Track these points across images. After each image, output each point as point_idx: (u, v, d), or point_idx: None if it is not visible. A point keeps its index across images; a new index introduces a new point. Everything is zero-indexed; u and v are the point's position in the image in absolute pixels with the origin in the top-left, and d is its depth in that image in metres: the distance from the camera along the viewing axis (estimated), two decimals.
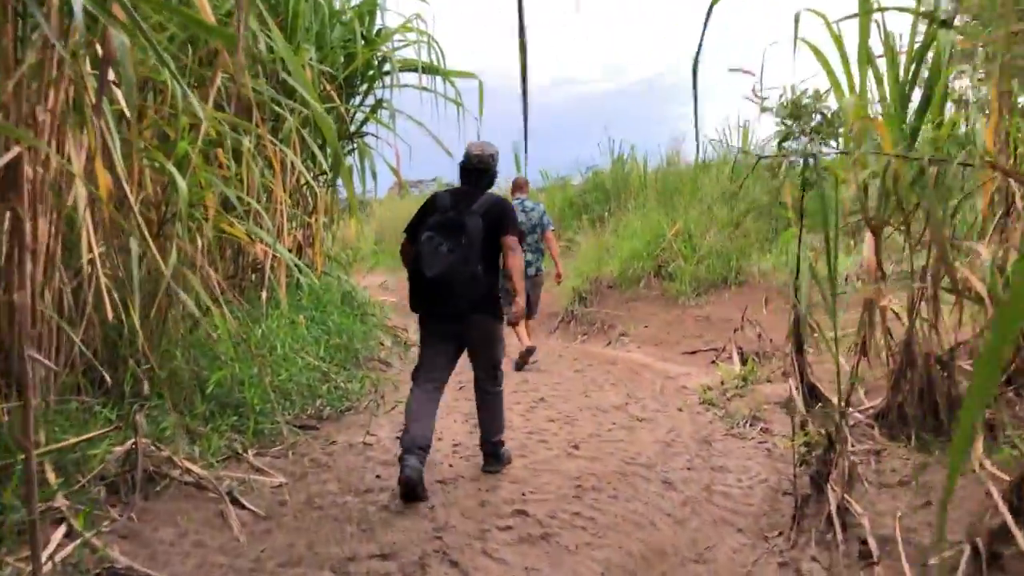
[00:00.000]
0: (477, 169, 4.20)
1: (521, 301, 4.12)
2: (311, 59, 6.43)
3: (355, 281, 9.14)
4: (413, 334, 8.51)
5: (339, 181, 8.73)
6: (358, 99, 8.39)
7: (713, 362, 7.55)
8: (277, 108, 5.75)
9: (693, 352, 8.17)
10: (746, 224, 10.85)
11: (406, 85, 8.46)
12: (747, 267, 10.41)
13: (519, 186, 8.14)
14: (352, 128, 8.25)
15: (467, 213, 3.90)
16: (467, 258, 3.82)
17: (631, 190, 21.38)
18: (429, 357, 4.10)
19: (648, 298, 11.06)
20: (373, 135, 8.52)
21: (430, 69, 8.31)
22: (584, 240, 20.46)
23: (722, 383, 6.39)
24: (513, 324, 4.41)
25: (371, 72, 8.15)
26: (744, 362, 7.14)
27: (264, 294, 6.12)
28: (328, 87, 7.22)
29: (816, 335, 5.19)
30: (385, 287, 19.39)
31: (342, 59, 7.73)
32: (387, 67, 8.34)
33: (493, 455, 4.27)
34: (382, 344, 7.63)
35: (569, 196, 24.97)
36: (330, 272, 8.37)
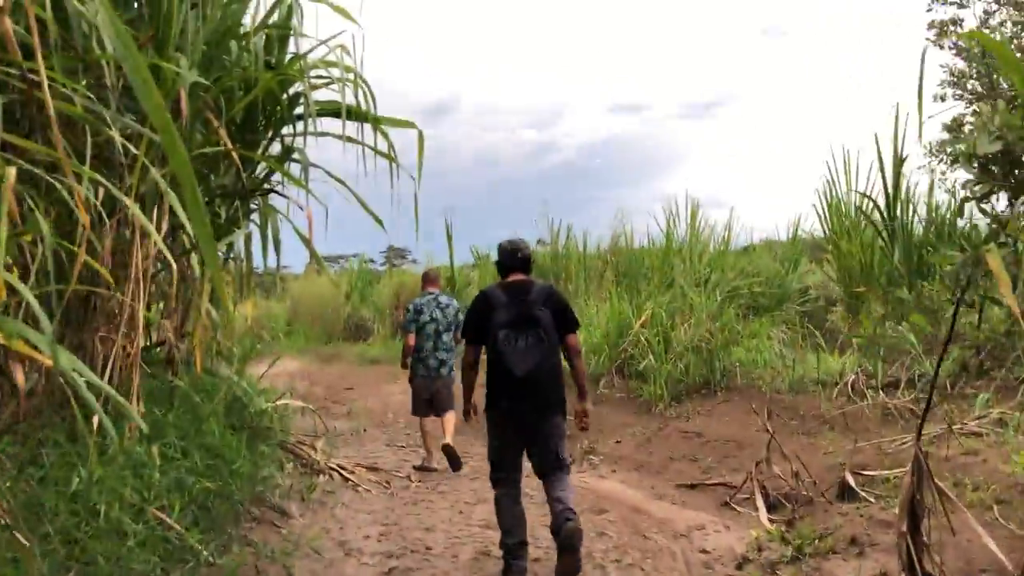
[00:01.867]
0: (526, 257, 4.28)
1: (589, 406, 4.34)
2: (181, 72, 4.47)
3: (249, 380, 6.99)
4: (320, 452, 6.46)
5: (232, 252, 6.74)
6: (261, 147, 6.41)
7: (726, 503, 5.67)
8: (106, 128, 3.74)
9: (692, 486, 6.28)
10: (727, 314, 9.18)
11: (324, 133, 6.57)
12: (730, 366, 8.71)
13: (431, 280, 7.37)
14: (250, 184, 6.26)
15: (535, 306, 3.95)
16: (548, 353, 3.93)
17: (571, 271, 19.98)
18: (509, 457, 4.13)
19: (613, 402, 9.22)
20: (279, 193, 6.54)
21: (357, 115, 6.42)
22: None
23: (759, 550, 4.50)
24: (583, 429, 4.37)
25: (279, 110, 6.22)
26: (771, 508, 5.31)
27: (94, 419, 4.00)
28: (215, 122, 5.25)
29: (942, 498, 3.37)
30: (296, 378, 17.14)
31: (240, 91, 5.80)
32: (299, 108, 6.44)
33: (571, 520, 3.86)
34: (277, 481, 5.52)
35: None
36: (213, 372, 6.23)
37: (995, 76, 13.48)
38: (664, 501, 5.95)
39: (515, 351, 3.89)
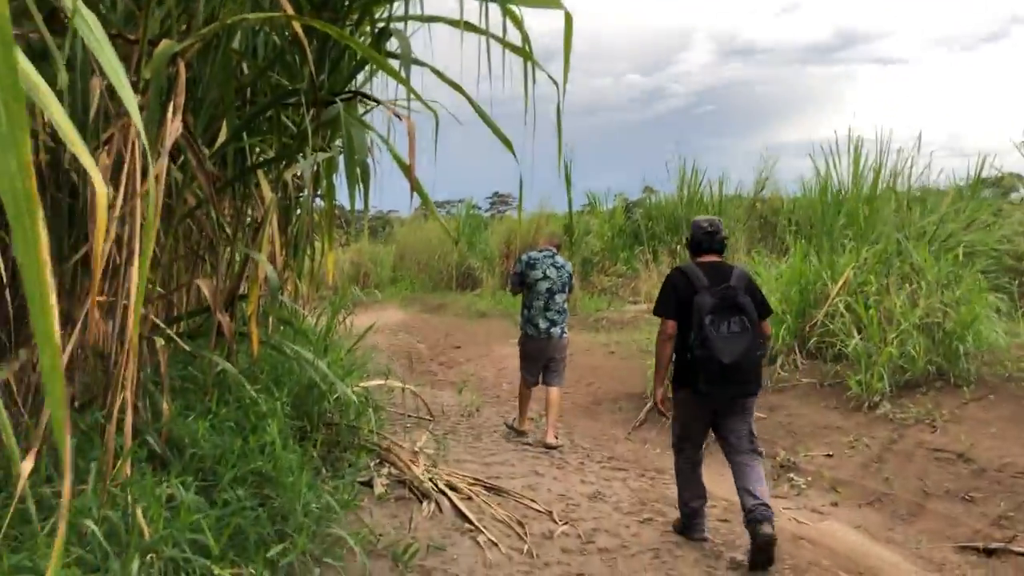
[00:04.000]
0: (723, 239, 4.16)
1: None
2: None
3: (335, 355, 5.18)
4: (423, 467, 4.65)
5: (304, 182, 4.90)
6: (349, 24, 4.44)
7: None
8: None
9: (987, 551, 4.09)
10: (969, 280, 6.76)
11: (433, 18, 4.59)
12: (974, 352, 6.35)
13: (552, 240, 6.79)
14: (331, 83, 4.31)
15: (739, 292, 3.89)
16: (754, 342, 3.87)
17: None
18: (697, 431, 4.16)
19: (802, 391, 7.02)
20: (369, 98, 4.57)
21: None
22: (654, 277, 16.58)
23: None
24: None
25: None
26: None
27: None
28: None
29: None
30: (400, 331, 15.54)
31: None
32: None
33: (767, 519, 3.73)
34: (360, 505, 3.68)
35: (618, 223, 21.29)
36: (278, 346, 4.42)
37: None
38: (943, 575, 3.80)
39: (720, 337, 3.79)
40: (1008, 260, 7.36)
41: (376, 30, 4.52)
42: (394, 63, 4.28)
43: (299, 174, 5.29)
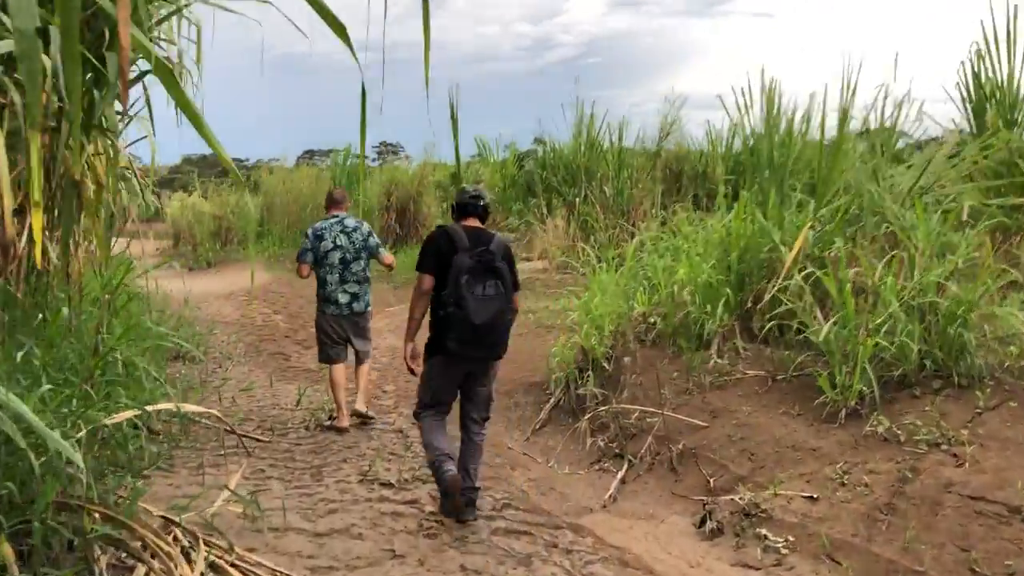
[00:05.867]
0: (486, 206, 4.28)
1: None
2: None
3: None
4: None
5: None
6: None
7: None
8: None
9: None
10: (966, 244, 5.23)
11: None
12: (981, 341, 4.86)
13: (336, 201, 6.06)
14: None
15: (496, 257, 3.98)
16: (506, 305, 4.00)
17: (606, 170, 16.01)
18: (444, 391, 4.19)
19: (746, 387, 5.43)
20: None
21: None
22: (550, 233, 14.82)
23: None
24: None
25: None
26: None
27: None
28: None
29: None
30: (258, 299, 13.16)
31: None
32: None
33: (472, 503, 4.04)
34: None
35: (510, 173, 19.63)
36: None
37: None
38: None
39: (474, 298, 3.87)
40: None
41: None
42: None
43: None
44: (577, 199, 14.94)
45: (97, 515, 2.63)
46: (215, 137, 3.33)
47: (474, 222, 4.21)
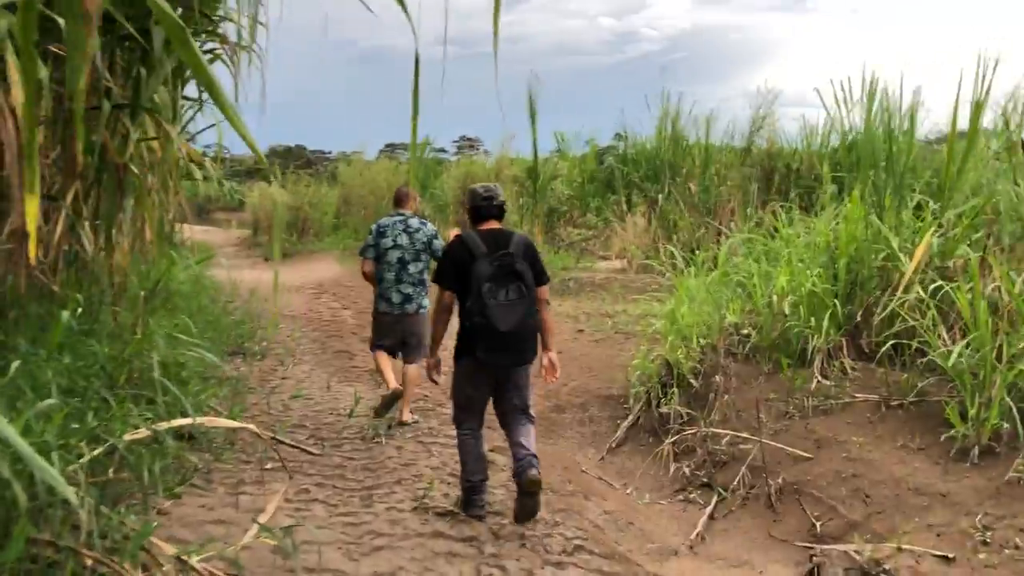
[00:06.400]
0: (501, 205, 4.17)
1: (555, 355, 4.13)
2: None
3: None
4: None
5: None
6: None
7: None
8: None
9: None
10: None
11: None
12: None
13: (402, 198, 5.80)
14: None
15: (516, 259, 3.91)
16: (530, 309, 3.91)
17: (692, 167, 15.24)
18: (478, 401, 4.08)
19: (856, 413, 4.76)
20: None
21: None
22: (630, 231, 14.17)
23: None
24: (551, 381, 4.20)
25: None
26: None
27: None
28: None
29: None
30: (327, 293, 12.96)
31: None
32: None
33: (533, 465, 3.79)
34: None
35: (590, 168, 18.99)
36: None
37: None
38: None
39: (499, 304, 3.81)
40: None
41: None
42: None
43: None
44: (659, 196, 14.26)
45: (89, 562, 2.21)
46: (240, 118, 2.92)
47: (492, 224, 4.11)
